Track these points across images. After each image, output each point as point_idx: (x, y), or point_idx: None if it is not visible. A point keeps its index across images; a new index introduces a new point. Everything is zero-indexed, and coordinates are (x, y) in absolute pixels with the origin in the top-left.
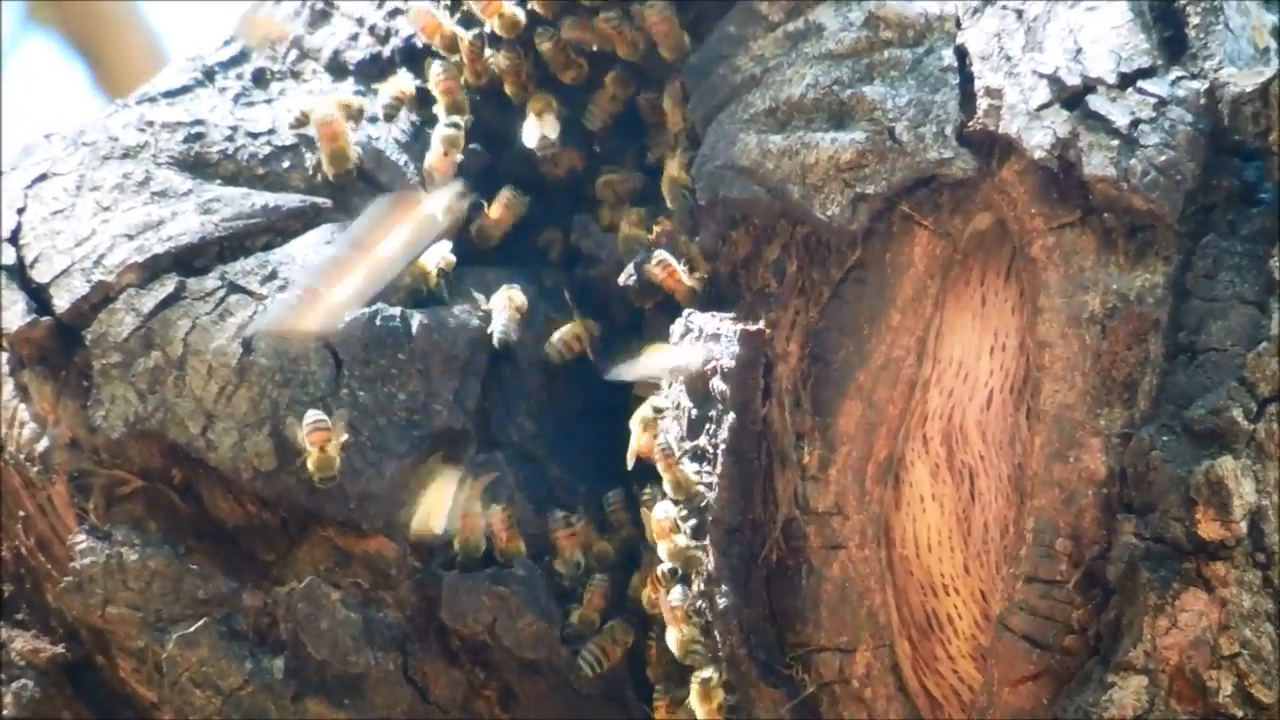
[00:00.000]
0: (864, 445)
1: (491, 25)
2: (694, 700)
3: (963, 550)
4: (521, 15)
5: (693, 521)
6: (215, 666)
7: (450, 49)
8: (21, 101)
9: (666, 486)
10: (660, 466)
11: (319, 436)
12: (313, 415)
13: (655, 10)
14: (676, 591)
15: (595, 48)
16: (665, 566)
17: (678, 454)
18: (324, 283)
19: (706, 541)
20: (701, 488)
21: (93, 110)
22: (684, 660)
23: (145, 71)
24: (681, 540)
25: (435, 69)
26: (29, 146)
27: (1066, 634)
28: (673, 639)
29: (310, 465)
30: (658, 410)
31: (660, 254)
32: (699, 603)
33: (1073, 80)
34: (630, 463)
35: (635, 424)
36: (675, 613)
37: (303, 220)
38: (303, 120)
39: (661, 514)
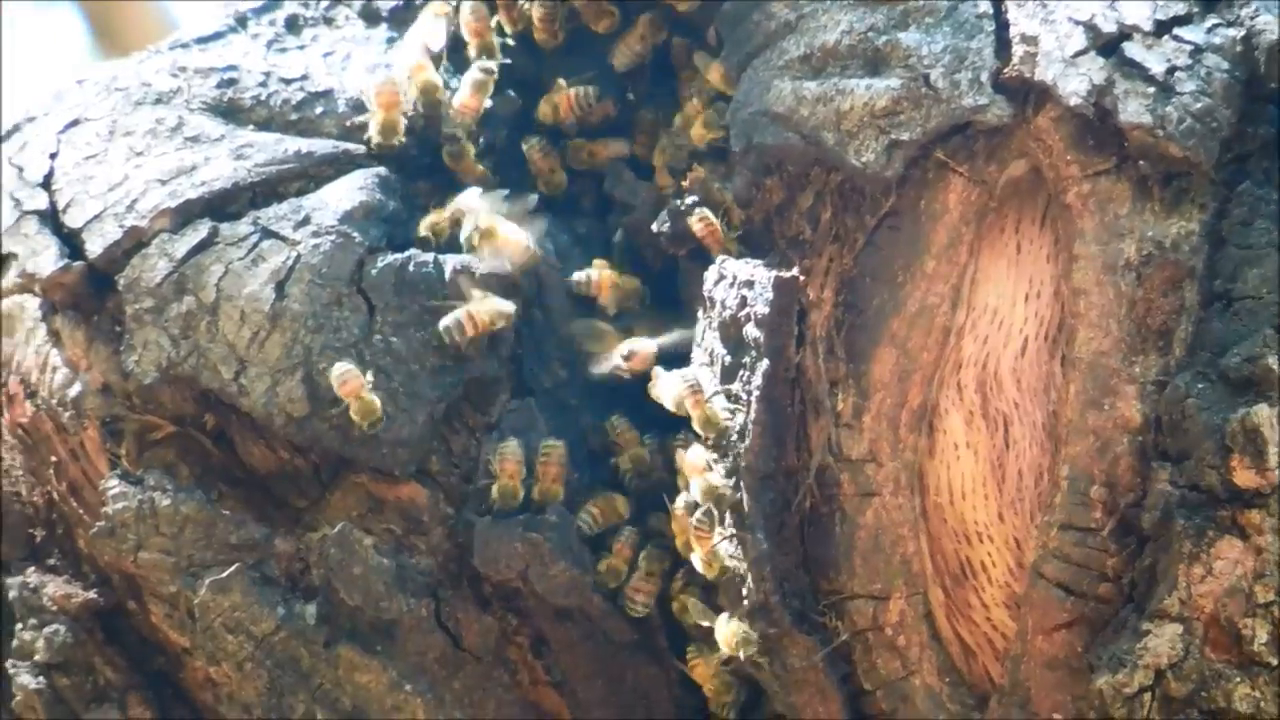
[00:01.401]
0: (898, 393)
1: None
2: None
3: (997, 498)
4: None
5: (724, 466)
6: (247, 612)
7: None
8: (21, 63)
9: (695, 424)
10: (689, 404)
11: (352, 387)
12: (339, 368)
13: None
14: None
15: None
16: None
17: (707, 392)
18: None
19: (740, 487)
20: (731, 424)
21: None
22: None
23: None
24: (715, 479)
25: (465, 11)
26: (61, 92)
27: (1101, 582)
28: (698, 487)
29: (355, 416)
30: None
31: (701, 210)
32: (733, 546)
33: (1108, 27)
34: (659, 398)
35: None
36: (695, 464)
37: (335, 166)
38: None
39: (695, 456)
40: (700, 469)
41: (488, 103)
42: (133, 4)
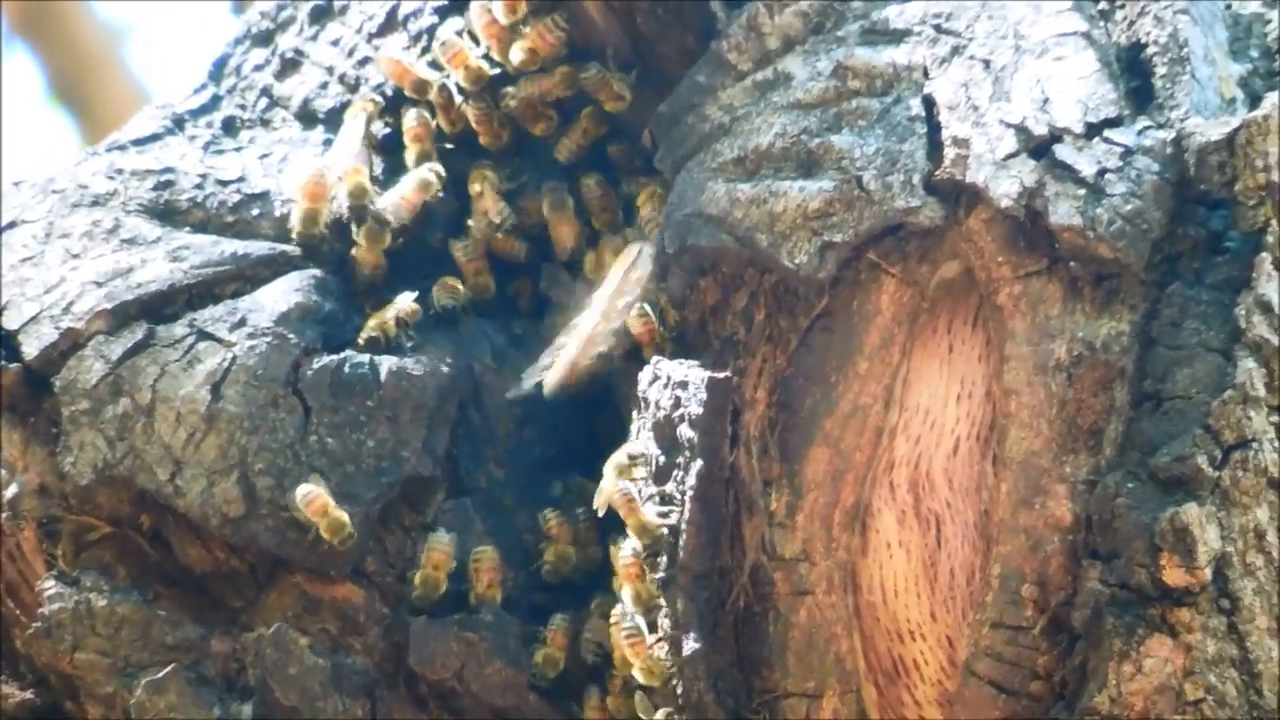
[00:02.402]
0: (831, 492)
1: (457, 77)
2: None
3: (929, 596)
4: (487, 67)
5: (661, 567)
6: (184, 712)
7: (420, 92)
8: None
9: (630, 531)
10: (622, 512)
11: (318, 505)
12: (301, 490)
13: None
14: (627, 547)
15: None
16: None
17: (640, 499)
18: None
19: (673, 586)
20: (664, 529)
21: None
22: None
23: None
24: (647, 585)
25: (408, 118)
26: None
27: (1032, 680)
28: (629, 596)
29: (325, 534)
30: (632, 457)
31: (641, 307)
32: (664, 649)
33: (1040, 130)
34: (600, 508)
35: (609, 469)
36: (630, 570)
37: (272, 268)
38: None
39: (628, 554)
40: (634, 575)
41: (426, 197)
42: (89, 49)
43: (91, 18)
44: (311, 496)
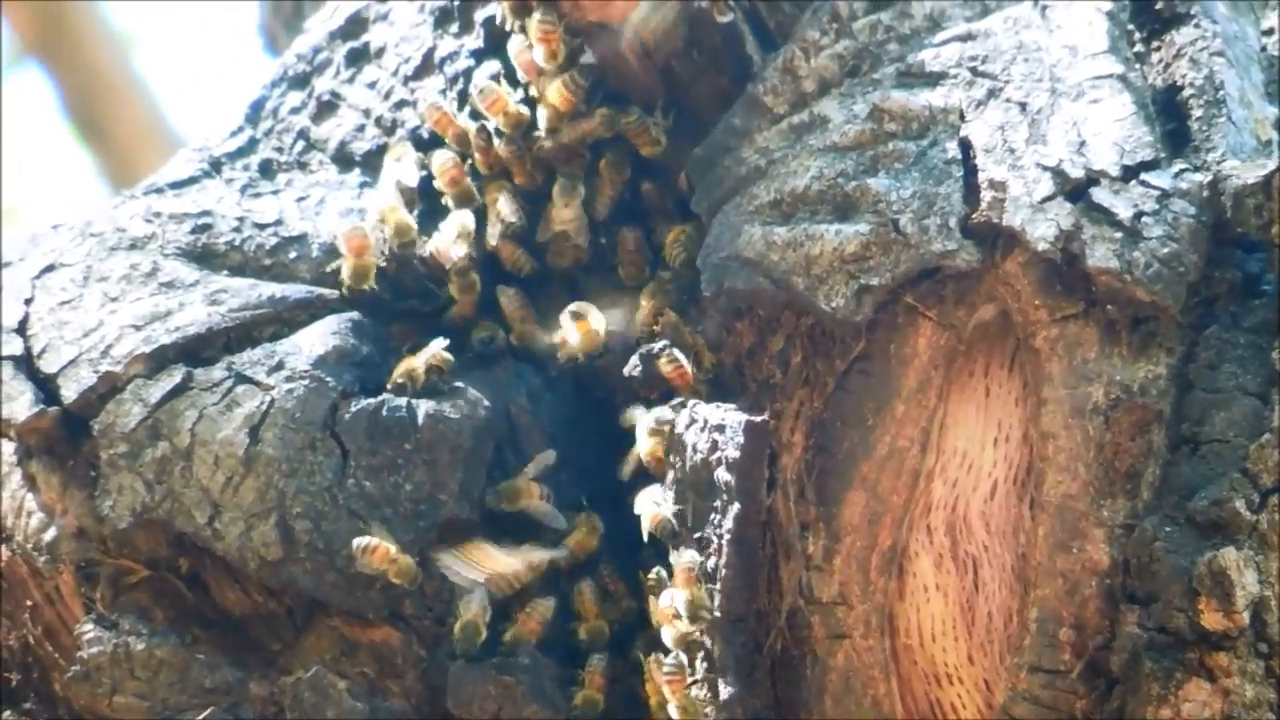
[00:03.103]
0: (868, 535)
1: (496, 122)
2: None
3: (966, 640)
4: (526, 112)
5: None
6: None
7: (462, 144)
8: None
9: (680, 603)
10: (680, 582)
11: (380, 554)
12: (358, 543)
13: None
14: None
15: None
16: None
17: (698, 572)
18: None
19: (709, 630)
20: (711, 612)
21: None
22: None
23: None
24: (686, 626)
25: (438, 160)
26: (36, 237)
27: None
28: (668, 636)
29: (396, 580)
30: (661, 421)
31: (671, 351)
32: (703, 690)
33: (1076, 173)
34: (628, 472)
35: (642, 431)
36: (665, 613)
37: (309, 311)
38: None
39: (666, 601)
40: (671, 616)
41: (466, 248)
42: (103, 67)
43: (106, 34)
44: (371, 546)
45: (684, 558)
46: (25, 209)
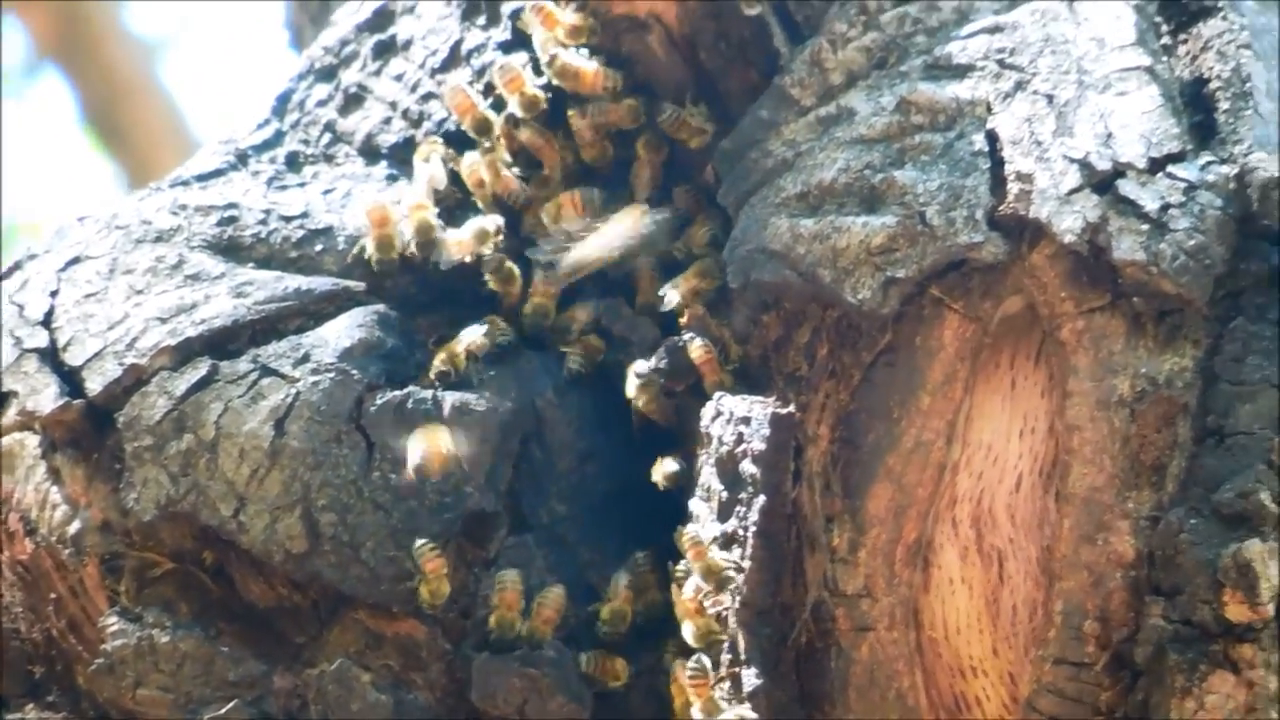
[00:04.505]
0: (893, 528)
1: (512, 102)
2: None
3: (991, 632)
4: (543, 95)
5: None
6: None
7: (481, 131)
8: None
9: (697, 575)
10: (690, 556)
11: (435, 565)
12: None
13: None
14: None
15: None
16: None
17: (706, 542)
18: None
19: (734, 623)
20: (732, 572)
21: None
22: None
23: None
24: (709, 621)
25: (467, 161)
26: (62, 229)
27: (1094, 716)
28: (689, 631)
29: (424, 597)
30: (642, 374)
31: (700, 339)
32: (725, 685)
33: (1103, 165)
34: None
35: (631, 388)
36: (688, 605)
37: (335, 303)
38: None
39: (690, 592)
40: (693, 610)
41: (485, 249)
42: (122, 71)
43: (125, 37)
44: (434, 551)
45: (688, 531)
46: (45, 216)
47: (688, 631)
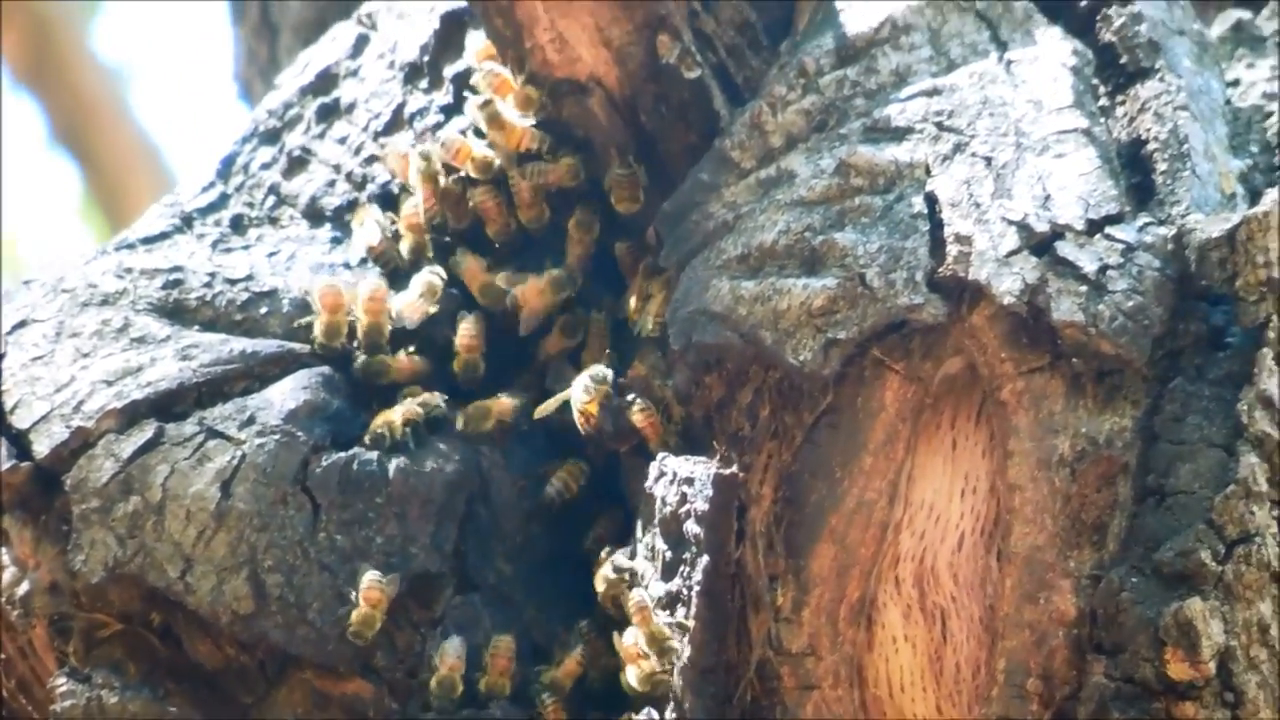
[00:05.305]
0: (837, 587)
1: (466, 169)
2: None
3: (935, 691)
4: (493, 156)
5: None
6: None
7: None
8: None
9: (641, 640)
10: (635, 620)
11: (374, 596)
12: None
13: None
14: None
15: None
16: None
17: (651, 606)
18: None
19: (679, 682)
20: (675, 642)
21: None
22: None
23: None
24: (650, 665)
25: (406, 206)
26: (9, 292)
27: None
28: (634, 675)
29: (355, 624)
30: (619, 570)
31: (642, 401)
32: None
33: (1041, 227)
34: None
35: (599, 581)
36: (631, 651)
37: (280, 365)
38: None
39: (630, 640)
40: (635, 655)
41: (433, 307)
42: (91, 95)
43: (94, 64)
44: (378, 584)
45: (635, 596)
46: (17, 238)
47: (632, 676)
